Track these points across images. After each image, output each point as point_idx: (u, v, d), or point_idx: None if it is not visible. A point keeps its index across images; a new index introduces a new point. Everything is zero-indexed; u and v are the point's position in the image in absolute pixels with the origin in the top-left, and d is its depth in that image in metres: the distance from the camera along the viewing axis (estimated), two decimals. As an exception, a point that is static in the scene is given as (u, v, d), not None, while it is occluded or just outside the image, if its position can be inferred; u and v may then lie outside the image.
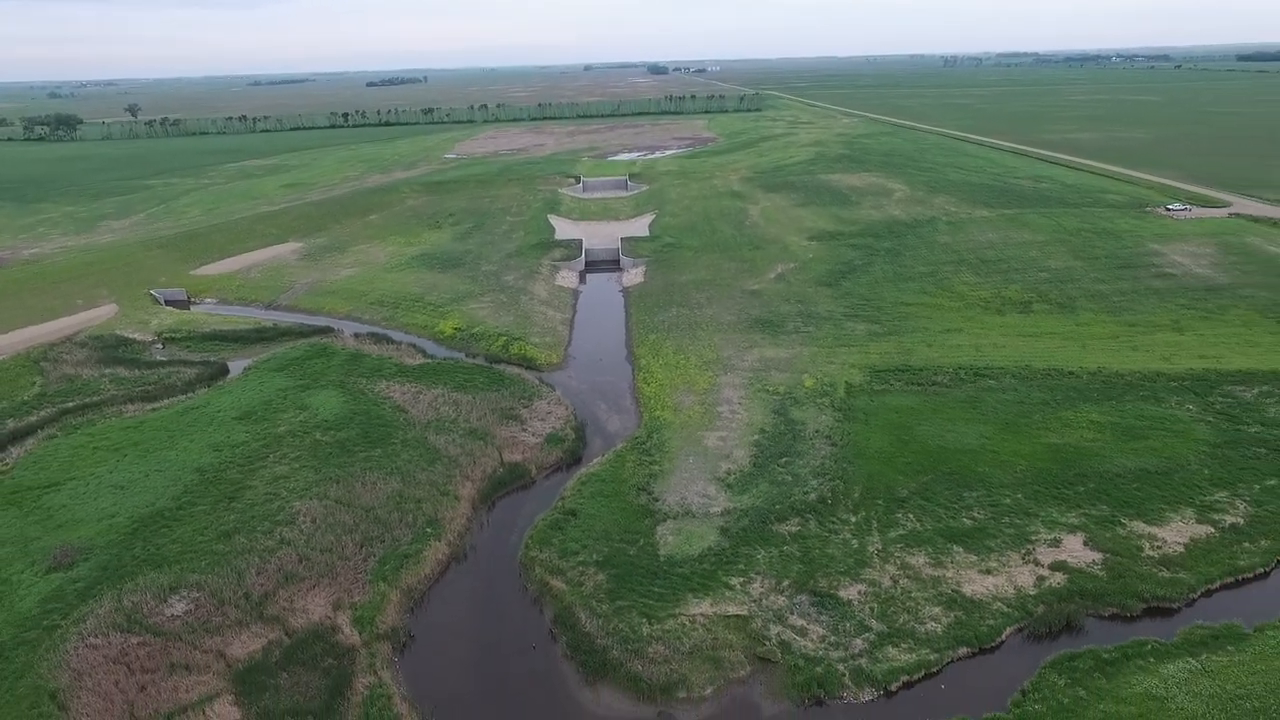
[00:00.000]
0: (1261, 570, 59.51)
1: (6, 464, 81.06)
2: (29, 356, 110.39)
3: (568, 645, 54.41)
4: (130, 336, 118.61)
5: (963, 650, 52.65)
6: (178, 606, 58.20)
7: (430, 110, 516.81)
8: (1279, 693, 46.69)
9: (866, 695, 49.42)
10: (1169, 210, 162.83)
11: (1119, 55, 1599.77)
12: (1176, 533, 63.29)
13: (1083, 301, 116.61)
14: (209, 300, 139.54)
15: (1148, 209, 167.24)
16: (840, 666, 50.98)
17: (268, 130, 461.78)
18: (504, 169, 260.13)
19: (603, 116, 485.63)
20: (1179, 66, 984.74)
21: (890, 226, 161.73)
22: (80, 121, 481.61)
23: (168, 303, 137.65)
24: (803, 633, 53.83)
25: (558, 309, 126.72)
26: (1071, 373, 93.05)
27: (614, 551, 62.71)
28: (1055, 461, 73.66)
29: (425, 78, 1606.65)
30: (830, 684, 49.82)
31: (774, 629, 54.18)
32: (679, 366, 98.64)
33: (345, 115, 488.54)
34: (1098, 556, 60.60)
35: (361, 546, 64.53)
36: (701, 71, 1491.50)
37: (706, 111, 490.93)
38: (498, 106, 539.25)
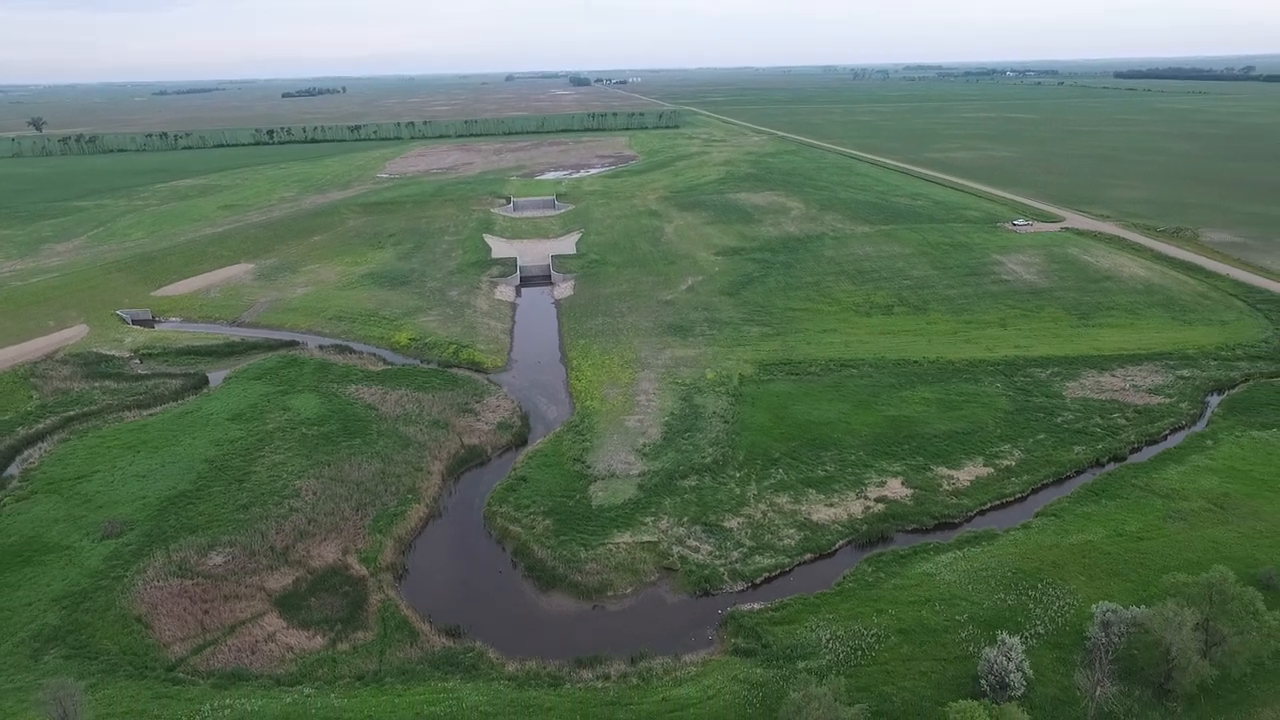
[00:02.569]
0: (1019, 495, 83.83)
1: (32, 463, 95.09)
2: (16, 373, 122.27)
3: (525, 568, 73.87)
4: (108, 353, 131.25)
5: (808, 556, 74.50)
6: (217, 559, 75.00)
7: (357, 127, 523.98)
8: (1005, 567, 69.75)
9: (739, 586, 70.51)
10: (1014, 225, 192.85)
11: (1013, 70, 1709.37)
12: (968, 474, 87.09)
13: (934, 304, 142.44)
14: (174, 319, 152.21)
15: (998, 224, 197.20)
16: (722, 570, 71.97)
17: (190, 147, 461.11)
18: (437, 189, 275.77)
19: (528, 133, 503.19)
20: (1061, 83, 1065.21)
21: (785, 242, 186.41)
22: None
23: (134, 322, 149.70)
24: (696, 550, 74.68)
25: (498, 319, 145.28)
26: (916, 362, 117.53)
27: (557, 504, 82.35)
28: (891, 428, 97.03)
29: (344, 88, 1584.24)
30: (714, 581, 70.75)
31: (676, 549, 74.83)
32: (605, 365, 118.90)
33: (270, 132, 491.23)
34: (909, 492, 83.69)
35: (357, 510, 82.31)
36: (623, 83, 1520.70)
37: (628, 129, 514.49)
38: (424, 124, 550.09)
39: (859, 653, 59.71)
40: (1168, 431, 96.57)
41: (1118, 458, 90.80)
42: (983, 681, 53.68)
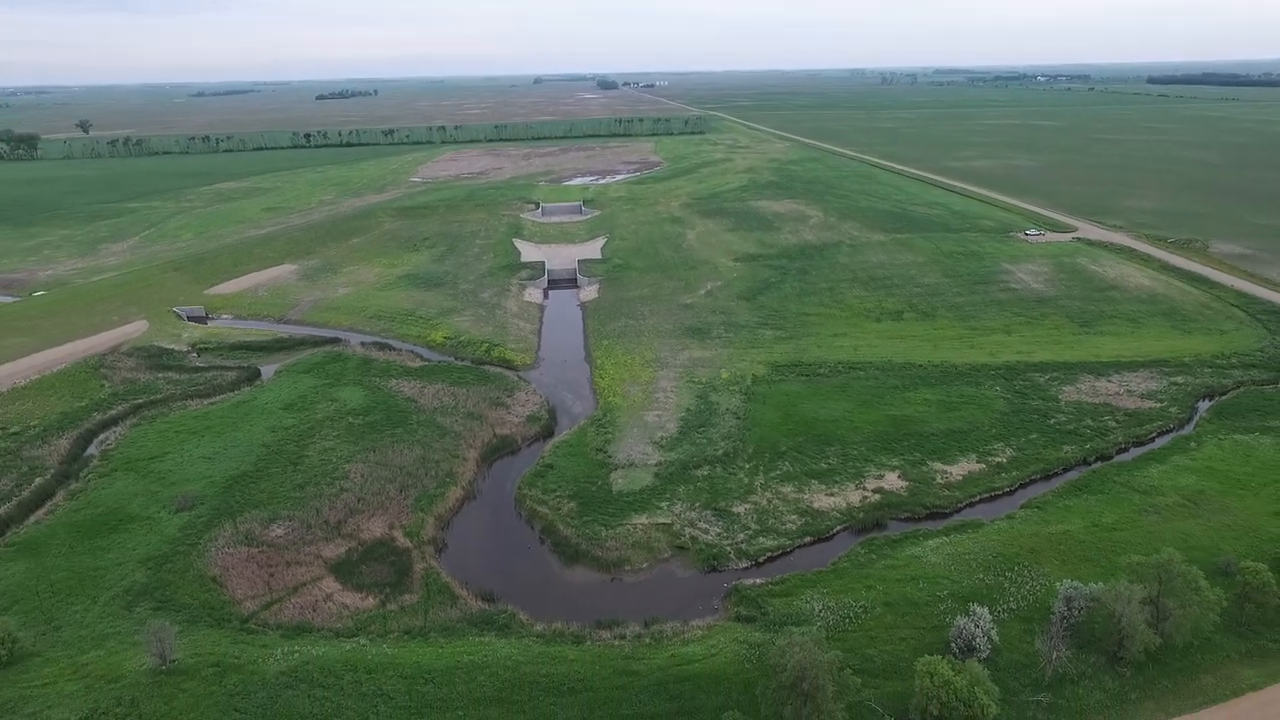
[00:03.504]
0: (1007, 489, 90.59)
1: (110, 444, 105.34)
2: (87, 364, 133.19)
3: (552, 544, 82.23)
4: (167, 347, 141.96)
5: (807, 539, 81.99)
6: (278, 530, 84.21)
7: (390, 131, 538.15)
8: (987, 551, 76.65)
9: (744, 564, 78.20)
10: (1026, 235, 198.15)
11: (1044, 75, 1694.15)
12: (961, 469, 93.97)
13: (942, 311, 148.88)
14: (225, 316, 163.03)
15: (1011, 233, 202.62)
16: (728, 549, 79.72)
17: (231, 150, 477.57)
18: (469, 194, 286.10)
19: (556, 138, 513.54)
20: (1091, 89, 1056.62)
21: (803, 250, 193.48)
22: (39, 139, 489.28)
23: (189, 318, 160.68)
24: (706, 532, 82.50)
25: (527, 320, 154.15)
26: (920, 365, 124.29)
27: (580, 489, 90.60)
28: (892, 426, 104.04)
29: (375, 90, 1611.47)
30: (721, 558, 78.54)
31: (688, 530, 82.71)
32: (626, 365, 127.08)
33: (307, 135, 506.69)
34: (905, 484, 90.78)
35: (401, 490, 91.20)
36: (650, 87, 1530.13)
37: (654, 134, 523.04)
38: (455, 128, 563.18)
39: (847, 620, 67.21)
40: (1155, 434, 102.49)
41: (1104, 457, 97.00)
42: (953, 645, 61.02)
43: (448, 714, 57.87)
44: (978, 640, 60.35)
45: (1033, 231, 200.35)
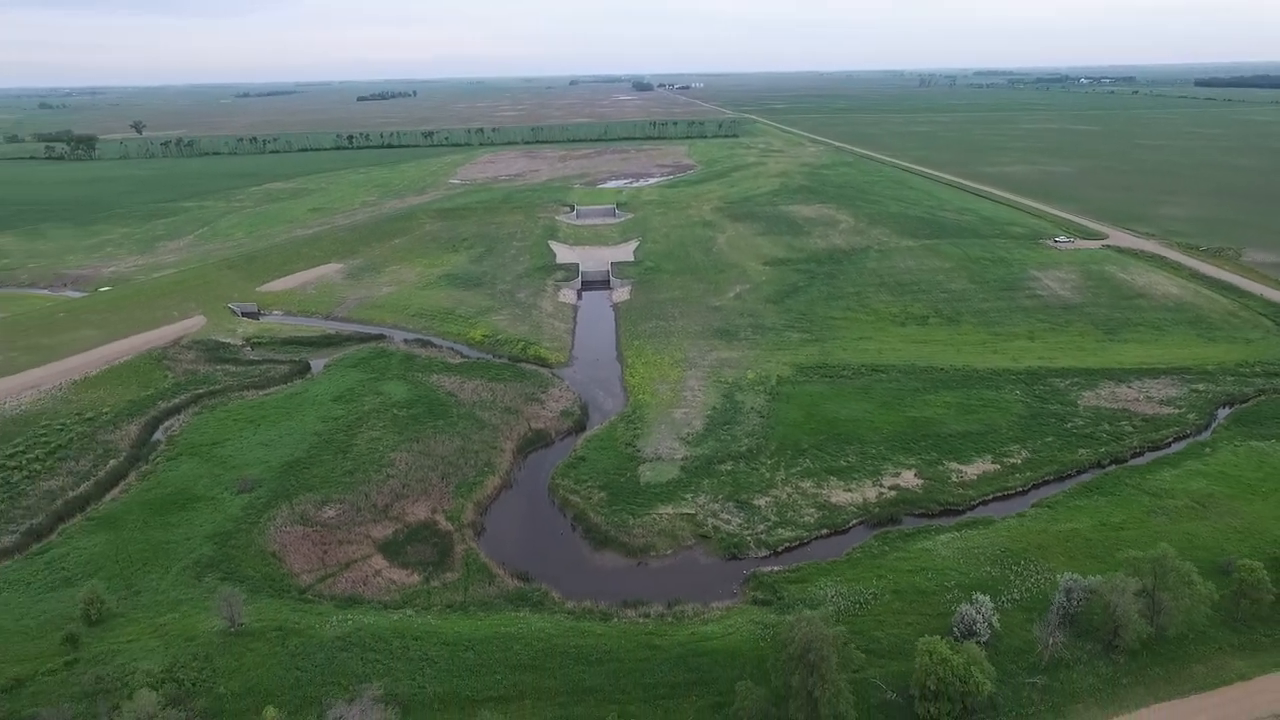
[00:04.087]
0: (1020, 489, 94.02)
1: (175, 430, 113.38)
2: (151, 356, 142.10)
3: (583, 531, 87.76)
4: (224, 341, 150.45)
5: (824, 531, 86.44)
6: (330, 512, 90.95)
7: (430, 133, 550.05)
8: (996, 546, 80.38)
9: (762, 553, 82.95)
10: (1055, 242, 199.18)
11: (1087, 77, 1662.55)
12: (976, 469, 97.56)
13: (967, 316, 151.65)
14: (277, 312, 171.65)
15: (1041, 240, 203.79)
16: (749, 538, 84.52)
17: (277, 151, 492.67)
18: (506, 196, 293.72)
19: (591, 141, 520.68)
20: (1135, 92, 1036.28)
21: (831, 254, 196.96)
22: (97, 140, 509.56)
23: (243, 314, 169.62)
24: (728, 522, 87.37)
25: (561, 320, 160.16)
26: (942, 369, 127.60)
27: (610, 480, 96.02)
28: (911, 427, 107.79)
29: (414, 91, 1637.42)
30: (741, 547, 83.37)
31: (710, 520, 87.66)
32: (656, 364, 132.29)
33: (350, 137, 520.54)
34: (921, 482, 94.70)
35: (443, 478, 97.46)
36: (685, 89, 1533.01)
37: (688, 137, 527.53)
38: (493, 130, 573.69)
39: (857, 606, 71.71)
40: (1171, 439, 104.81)
41: (1118, 460, 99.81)
42: (955, 629, 65.20)
43: (486, 677, 63.62)
44: (978, 625, 64.47)
45: (1062, 238, 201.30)
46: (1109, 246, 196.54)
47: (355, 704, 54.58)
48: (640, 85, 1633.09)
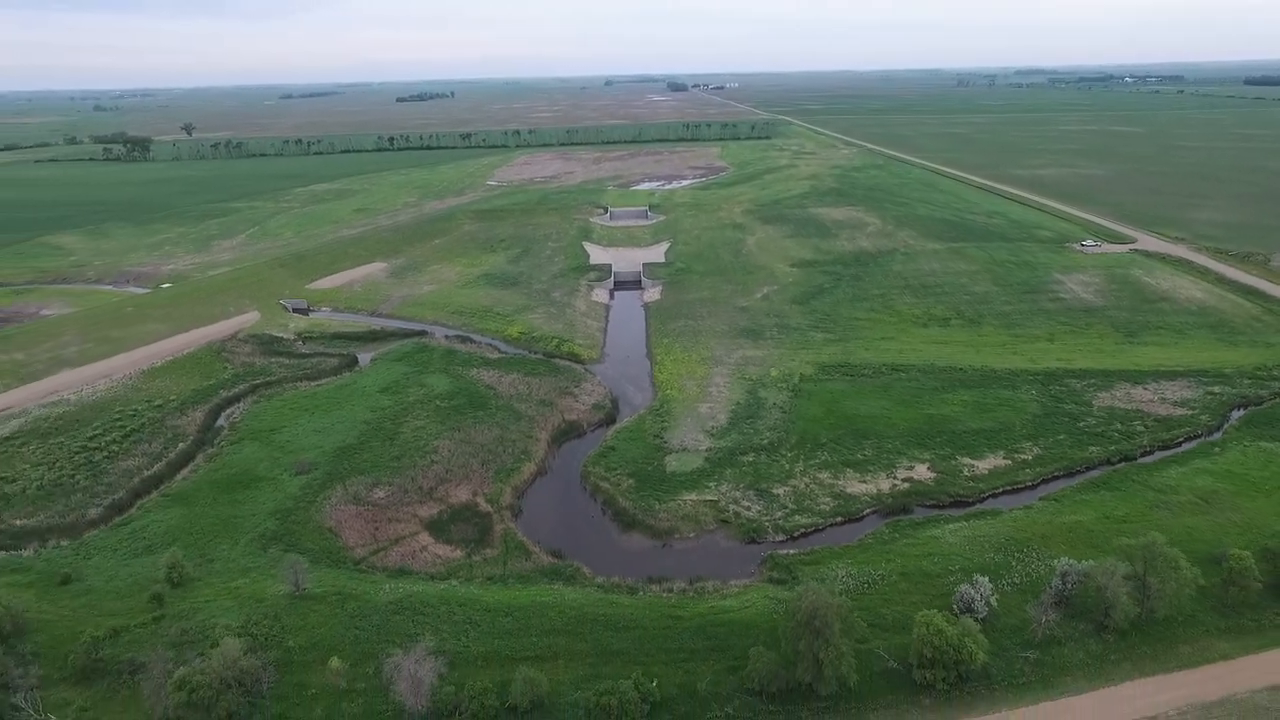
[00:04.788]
0: (1029, 483, 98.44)
1: (236, 418, 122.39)
2: (211, 349, 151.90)
3: (612, 514, 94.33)
4: (277, 335, 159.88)
5: (839, 519, 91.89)
6: (380, 493, 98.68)
7: (468, 135, 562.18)
8: (1001, 535, 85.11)
9: (779, 538, 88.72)
10: (1082, 246, 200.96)
11: (1132, 75, 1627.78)
12: (988, 464, 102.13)
13: (988, 319, 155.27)
14: (325, 309, 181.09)
15: (1067, 244, 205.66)
16: (767, 524, 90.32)
17: (321, 153, 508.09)
18: (542, 198, 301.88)
19: (625, 143, 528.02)
20: (1181, 91, 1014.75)
21: (858, 257, 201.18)
22: (151, 142, 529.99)
23: (294, 310, 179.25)
24: (748, 509, 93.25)
25: (594, 319, 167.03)
26: (961, 369, 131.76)
27: (638, 469, 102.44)
28: (928, 424, 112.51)
29: (452, 92, 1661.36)
30: (760, 532, 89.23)
31: (732, 507, 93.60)
32: (684, 361, 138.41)
33: (391, 139, 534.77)
34: (933, 475, 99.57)
35: (483, 464, 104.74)
36: (720, 89, 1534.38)
37: (721, 139, 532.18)
38: (529, 132, 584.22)
39: (866, 585, 77.19)
40: (1182, 439, 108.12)
41: (1128, 458, 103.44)
42: (954, 606, 70.46)
43: (524, 639, 70.46)
44: (976, 603, 69.68)
45: (1089, 242, 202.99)
46: (1136, 250, 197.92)
47: (410, 654, 61.60)
48: (675, 86, 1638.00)
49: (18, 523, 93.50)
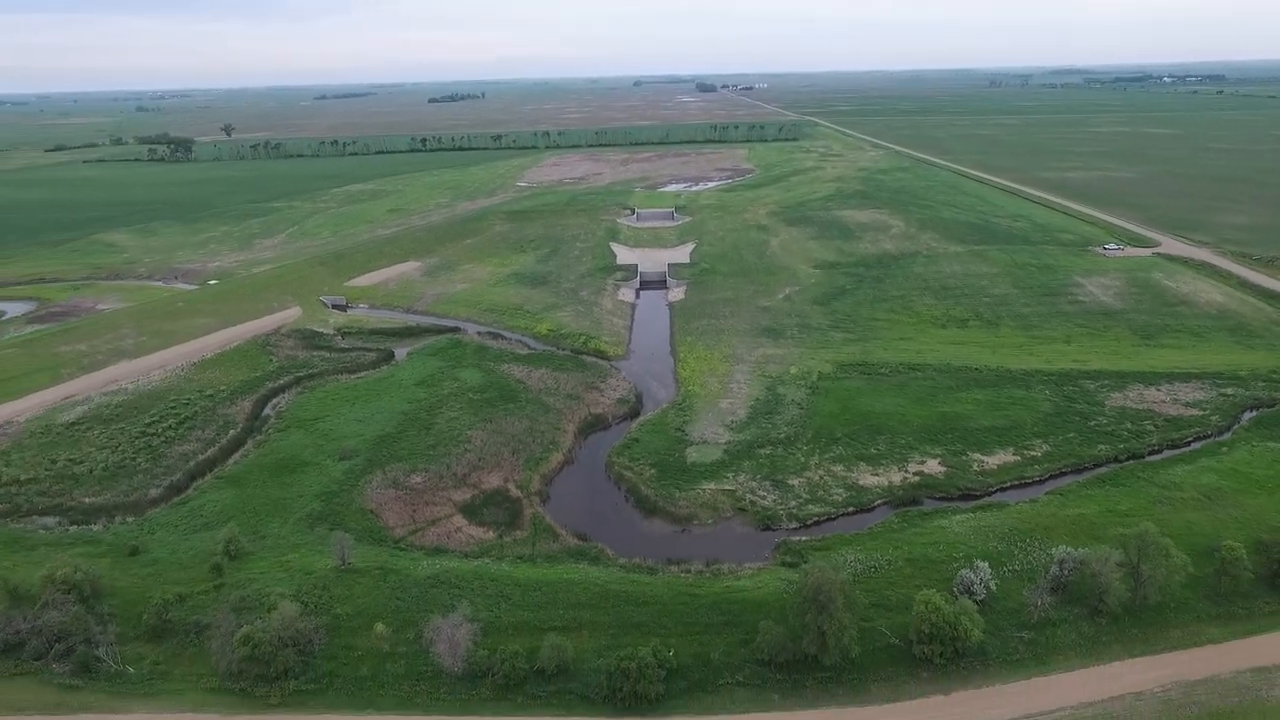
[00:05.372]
0: (1038, 479, 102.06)
1: (282, 407, 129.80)
2: (256, 342, 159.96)
3: (634, 501, 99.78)
4: (318, 330, 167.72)
5: (850, 509, 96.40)
6: (417, 478, 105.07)
7: (499, 136, 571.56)
8: (1005, 526, 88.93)
9: (793, 525, 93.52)
10: (1105, 249, 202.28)
11: (1171, 75, 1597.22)
12: (997, 460, 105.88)
13: (1006, 320, 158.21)
14: (363, 305, 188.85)
15: (1090, 247, 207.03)
16: (781, 512, 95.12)
17: (356, 154, 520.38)
18: (570, 199, 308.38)
19: (653, 144, 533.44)
20: (1221, 92, 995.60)
21: (880, 259, 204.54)
22: (194, 143, 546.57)
23: (333, 306, 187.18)
24: (764, 498, 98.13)
25: (620, 317, 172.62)
26: (977, 369, 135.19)
27: (660, 459, 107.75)
28: (941, 421, 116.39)
29: (483, 93, 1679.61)
30: (774, 519, 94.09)
31: (748, 496, 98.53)
32: (706, 359, 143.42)
33: (424, 140, 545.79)
34: (944, 469, 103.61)
35: (513, 453, 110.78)
36: (749, 90, 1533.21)
37: (748, 141, 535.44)
38: (559, 134, 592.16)
39: (873, 570, 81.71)
40: (1191, 439, 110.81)
41: (1136, 456, 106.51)
42: (955, 589, 74.84)
43: (551, 611, 76.17)
44: (975, 586, 74.02)
45: (1111, 246, 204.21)
46: (1160, 254, 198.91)
47: (448, 618, 67.58)
48: (703, 86, 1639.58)
49: (87, 500, 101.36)
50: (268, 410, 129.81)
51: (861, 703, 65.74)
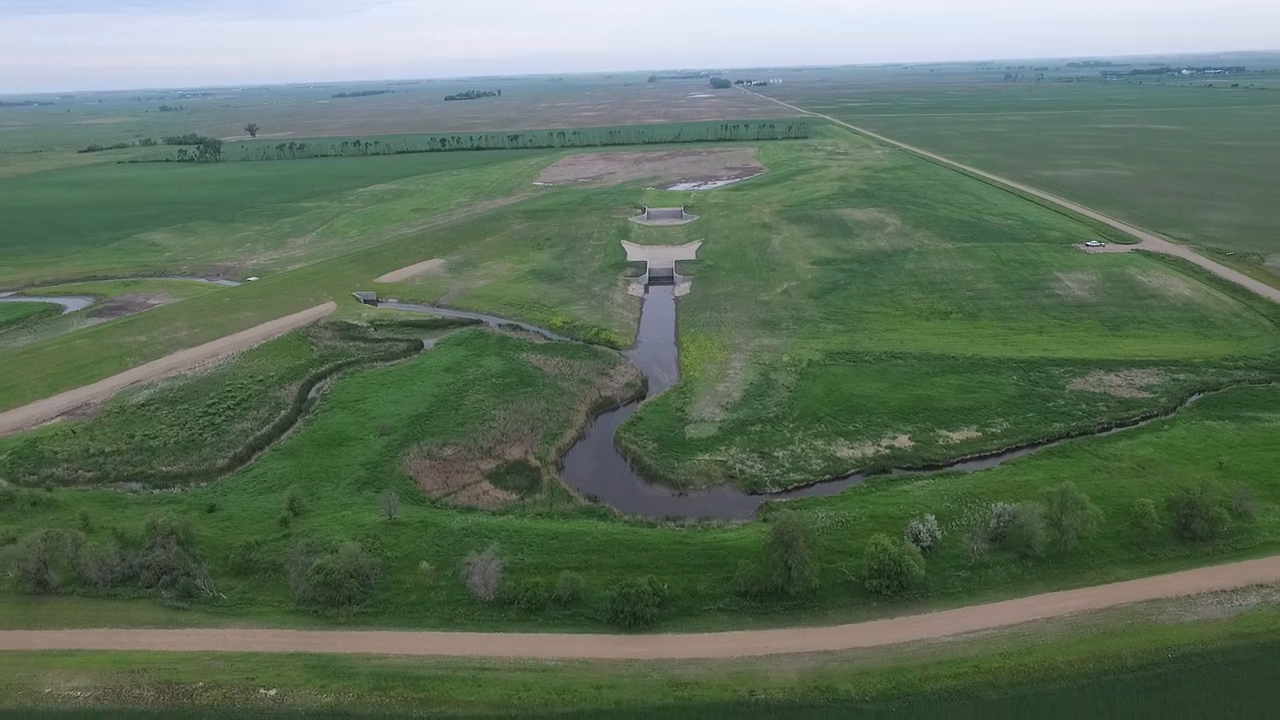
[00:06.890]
0: (995, 451, 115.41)
1: (325, 391, 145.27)
2: (298, 333, 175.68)
3: (638, 470, 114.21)
4: (352, 323, 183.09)
5: (827, 477, 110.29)
6: (449, 451, 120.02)
7: (516, 136, 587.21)
8: (959, 490, 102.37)
9: (776, 490, 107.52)
10: (1086, 246, 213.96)
11: (1190, 67, 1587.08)
12: (961, 436, 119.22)
13: (986, 313, 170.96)
14: (392, 300, 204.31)
15: (1073, 244, 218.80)
16: (766, 479, 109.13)
17: (378, 153, 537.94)
18: (585, 199, 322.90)
19: (665, 143, 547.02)
20: (1235, 85, 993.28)
21: (874, 255, 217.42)
22: (221, 143, 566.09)
23: (365, 301, 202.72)
24: (751, 467, 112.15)
25: (629, 311, 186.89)
26: (953, 357, 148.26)
27: (662, 435, 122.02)
28: (914, 403, 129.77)
29: (499, 90, 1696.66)
30: (760, 485, 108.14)
31: (738, 465, 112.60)
32: (707, 348, 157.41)
33: (443, 140, 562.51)
34: (912, 444, 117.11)
35: (532, 429, 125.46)
36: (763, 85, 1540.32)
37: (758, 139, 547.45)
38: (574, 133, 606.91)
39: (839, 524, 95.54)
40: (1138, 418, 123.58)
41: (1086, 432, 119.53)
42: (905, 536, 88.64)
43: (566, 555, 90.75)
44: (922, 534, 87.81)
45: (1093, 243, 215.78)
46: (1139, 250, 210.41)
47: (482, 555, 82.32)
48: (718, 82, 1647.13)
49: (164, 469, 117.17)
50: (313, 394, 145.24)
51: (820, 625, 79.79)
